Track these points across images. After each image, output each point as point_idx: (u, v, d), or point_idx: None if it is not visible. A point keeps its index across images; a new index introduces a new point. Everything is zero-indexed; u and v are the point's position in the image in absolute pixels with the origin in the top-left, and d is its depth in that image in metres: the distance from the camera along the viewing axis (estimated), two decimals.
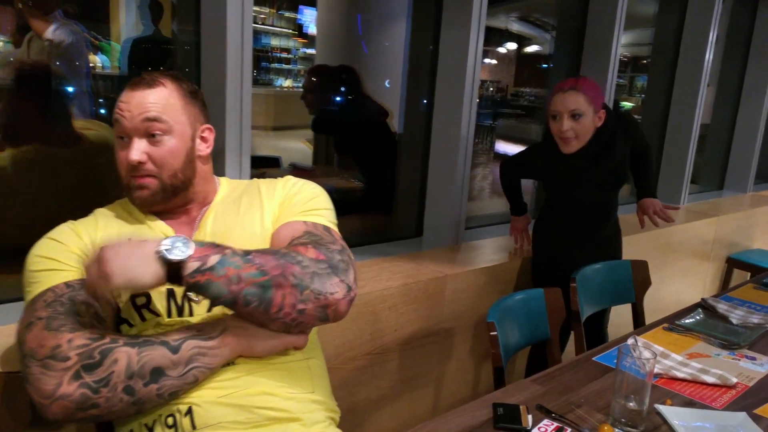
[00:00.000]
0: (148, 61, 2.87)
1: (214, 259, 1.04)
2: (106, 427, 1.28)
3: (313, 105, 3.12)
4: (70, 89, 2.21)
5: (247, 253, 1.08)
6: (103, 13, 2.99)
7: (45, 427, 1.40)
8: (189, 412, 1.11)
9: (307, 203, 1.31)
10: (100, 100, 2.35)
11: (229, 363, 1.15)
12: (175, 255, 1.01)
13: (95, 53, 2.72)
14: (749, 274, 3.83)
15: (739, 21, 4.66)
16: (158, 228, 1.27)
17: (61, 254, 1.18)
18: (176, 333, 1.09)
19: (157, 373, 1.06)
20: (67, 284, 1.13)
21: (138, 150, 1.20)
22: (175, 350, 1.07)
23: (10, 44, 2.47)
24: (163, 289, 1.18)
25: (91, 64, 2.40)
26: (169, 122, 1.22)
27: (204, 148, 1.31)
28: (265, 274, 1.06)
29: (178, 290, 1.19)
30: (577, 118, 2.08)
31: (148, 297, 1.19)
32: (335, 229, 1.30)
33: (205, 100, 1.35)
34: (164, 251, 1.00)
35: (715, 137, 4.84)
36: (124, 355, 1.04)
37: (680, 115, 4.00)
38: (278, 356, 1.20)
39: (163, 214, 1.30)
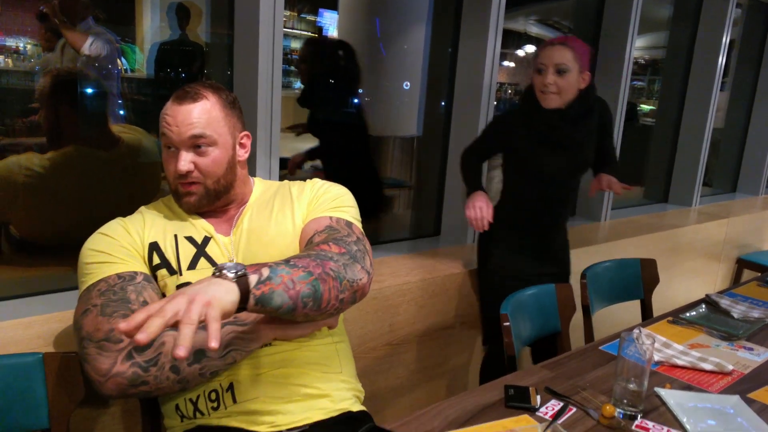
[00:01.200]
0: (176, 64, 2.98)
1: (266, 272, 1.07)
2: (151, 402, 1.41)
3: (305, 74, 3.15)
4: (105, 94, 2.32)
5: (287, 260, 1.13)
6: (129, 17, 3.11)
7: (96, 403, 1.54)
8: (230, 387, 1.24)
9: (333, 201, 1.42)
10: (129, 103, 2.46)
11: (266, 344, 1.27)
12: (237, 273, 1.02)
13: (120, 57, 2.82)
14: (760, 274, 3.89)
15: (752, 26, 4.72)
16: (200, 225, 1.38)
17: (112, 248, 1.29)
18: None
19: (200, 354, 1.18)
20: (119, 275, 1.24)
21: (185, 161, 1.31)
22: None
23: (38, 47, 2.59)
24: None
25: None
26: (213, 135, 1.32)
27: (243, 154, 1.42)
28: (311, 274, 1.12)
29: None
30: (562, 74, 2.02)
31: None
32: (357, 225, 1.41)
33: (241, 106, 1.46)
34: (227, 273, 1.02)
35: (729, 141, 4.90)
36: (171, 338, 1.16)
37: (693, 118, 4.07)
38: (311, 340, 1.32)
39: (205, 213, 1.41)
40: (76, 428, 1.47)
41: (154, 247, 1.33)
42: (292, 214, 1.41)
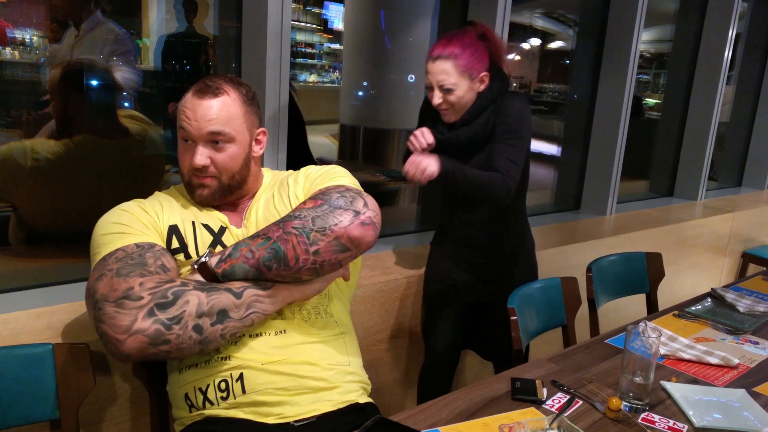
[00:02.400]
0: (182, 57, 2.98)
1: (229, 250, 1.24)
2: (159, 393, 1.42)
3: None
4: (114, 85, 2.33)
5: (255, 233, 1.26)
6: (135, 9, 3.11)
7: (105, 394, 1.55)
8: (240, 377, 1.25)
9: (324, 175, 1.43)
10: (135, 95, 2.47)
11: (279, 330, 1.28)
12: (196, 265, 1.23)
13: None
14: (765, 269, 3.89)
15: (758, 19, 4.69)
16: (215, 216, 1.40)
17: (132, 221, 1.30)
18: (238, 282, 1.22)
19: (223, 314, 1.18)
20: (137, 245, 1.25)
21: (203, 155, 1.32)
22: (238, 296, 1.20)
23: (44, 39, 2.59)
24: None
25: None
26: (231, 133, 1.34)
27: (258, 150, 1.44)
28: (269, 239, 1.22)
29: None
30: (448, 92, 1.81)
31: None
32: (351, 185, 1.39)
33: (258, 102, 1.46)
34: (191, 264, 1.24)
35: (734, 135, 4.88)
36: (195, 297, 1.16)
37: (699, 111, 4.06)
38: (318, 331, 1.34)
39: (217, 205, 1.42)
40: (85, 419, 1.49)
41: (173, 229, 1.34)
42: (291, 204, 1.42)
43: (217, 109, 1.32)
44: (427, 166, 1.77)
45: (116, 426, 1.59)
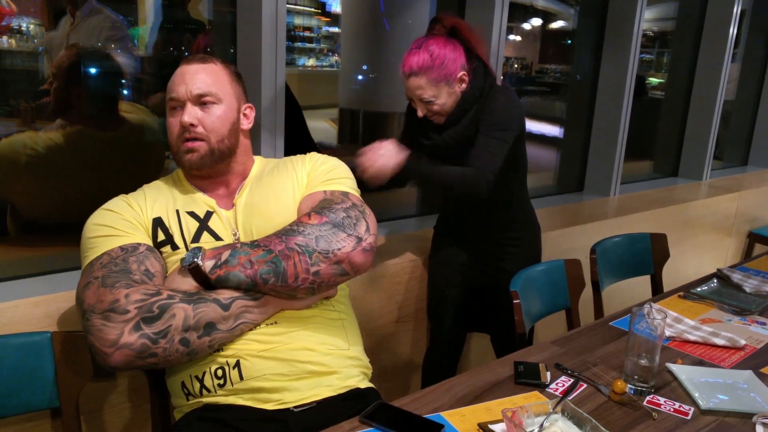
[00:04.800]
0: (178, 43, 2.95)
1: (226, 254, 1.21)
2: (159, 380, 1.41)
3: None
4: (117, 75, 2.31)
5: (253, 241, 1.25)
6: None
7: (104, 382, 1.55)
8: (237, 365, 1.23)
9: (328, 173, 1.44)
10: (132, 83, 2.45)
11: (271, 322, 1.27)
12: (188, 261, 1.21)
13: None
14: None
15: None
16: (202, 200, 1.39)
17: (116, 222, 1.30)
18: (226, 292, 1.21)
19: (210, 326, 1.18)
20: (122, 248, 1.25)
21: (191, 114, 1.33)
22: (225, 307, 1.19)
23: (41, 26, 2.55)
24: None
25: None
26: (219, 94, 1.36)
27: (246, 123, 1.45)
28: (271, 252, 1.21)
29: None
30: (430, 104, 1.79)
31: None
32: (354, 193, 1.42)
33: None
34: (181, 261, 1.22)
35: (740, 113, 4.83)
36: (181, 311, 1.15)
37: (704, 90, 4.02)
38: (315, 314, 1.32)
39: (205, 188, 1.41)
40: (85, 407, 1.48)
41: (158, 222, 1.33)
42: (292, 186, 1.42)
43: (204, 73, 1.36)
44: (379, 159, 1.72)
45: (117, 414, 1.58)
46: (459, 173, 1.79)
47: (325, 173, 1.44)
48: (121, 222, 1.30)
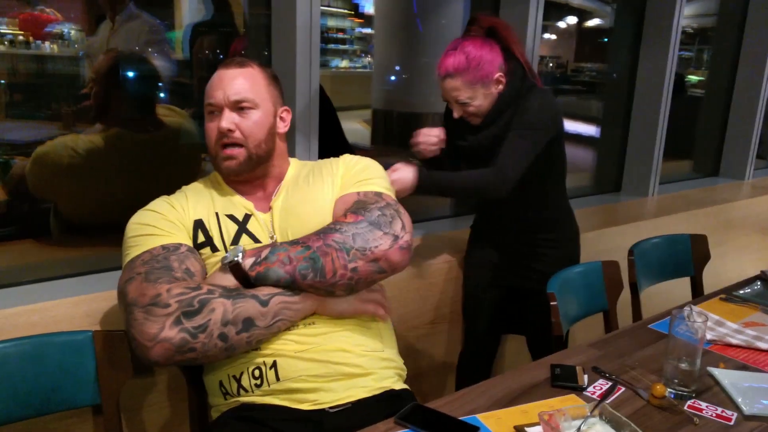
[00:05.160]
0: (213, 46, 2.99)
1: (265, 252, 1.24)
2: (197, 379, 1.43)
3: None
4: (151, 78, 2.36)
5: (294, 239, 1.27)
6: (168, 0, 3.12)
7: (144, 380, 1.57)
8: (274, 365, 1.25)
9: (362, 173, 1.45)
10: (168, 85, 2.49)
11: (309, 323, 1.28)
12: (229, 259, 1.23)
13: None
14: None
15: None
16: (240, 203, 1.41)
17: (158, 222, 1.32)
18: (265, 289, 1.23)
19: (248, 322, 1.19)
20: (163, 247, 1.27)
21: (228, 119, 1.35)
22: (264, 303, 1.21)
23: (82, 32, 2.61)
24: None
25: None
26: (256, 99, 1.37)
27: (282, 127, 1.45)
28: (309, 248, 1.23)
29: None
30: (466, 105, 1.80)
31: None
32: (388, 193, 1.43)
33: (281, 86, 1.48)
34: (222, 260, 1.25)
35: None
36: (221, 306, 1.17)
37: (746, 87, 3.92)
38: (350, 318, 1.32)
39: (244, 191, 1.43)
40: (125, 404, 1.51)
41: (199, 224, 1.35)
42: (326, 189, 1.43)
43: (242, 78, 1.37)
44: (395, 185, 1.66)
45: (156, 412, 1.61)
46: (475, 177, 1.78)
47: (358, 174, 1.45)
48: (163, 222, 1.33)
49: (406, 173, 1.75)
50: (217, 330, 1.16)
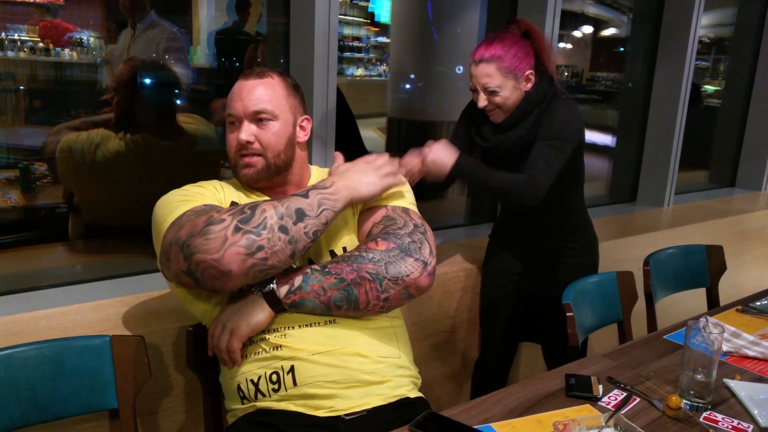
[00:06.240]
0: (232, 53, 3.02)
1: (298, 280, 1.25)
2: (213, 385, 1.44)
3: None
4: (172, 85, 2.38)
5: (324, 266, 1.28)
6: (186, 7, 3.16)
7: (160, 385, 1.59)
8: (291, 369, 1.25)
9: None
10: (188, 93, 2.52)
11: (329, 320, 1.29)
12: (265, 287, 1.24)
13: None
14: None
15: None
16: None
17: (192, 194, 1.33)
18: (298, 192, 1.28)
19: (300, 212, 1.23)
20: (205, 204, 1.28)
21: (248, 131, 1.36)
22: (305, 196, 1.26)
23: (101, 39, 2.65)
24: None
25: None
26: (275, 111, 1.38)
27: (302, 136, 1.46)
28: (343, 280, 1.25)
29: None
30: (493, 94, 1.78)
31: None
32: (413, 209, 1.44)
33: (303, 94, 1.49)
34: (253, 288, 1.25)
35: None
36: (270, 206, 1.21)
37: (763, 98, 3.89)
38: (369, 321, 1.34)
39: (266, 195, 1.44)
40: (141, 409, 1.52)
41: (234, 204, 1.34)
42: None
43: (262, 89, 1.38)
44: (441, 151, 1.75)
45: (171, 416, 1.62)
46: (511, 180, 1.78)
47: None
48: (197, 195, 1.33)
49: (444, 157, 1.76)
50: (276, 224, 1.19)
